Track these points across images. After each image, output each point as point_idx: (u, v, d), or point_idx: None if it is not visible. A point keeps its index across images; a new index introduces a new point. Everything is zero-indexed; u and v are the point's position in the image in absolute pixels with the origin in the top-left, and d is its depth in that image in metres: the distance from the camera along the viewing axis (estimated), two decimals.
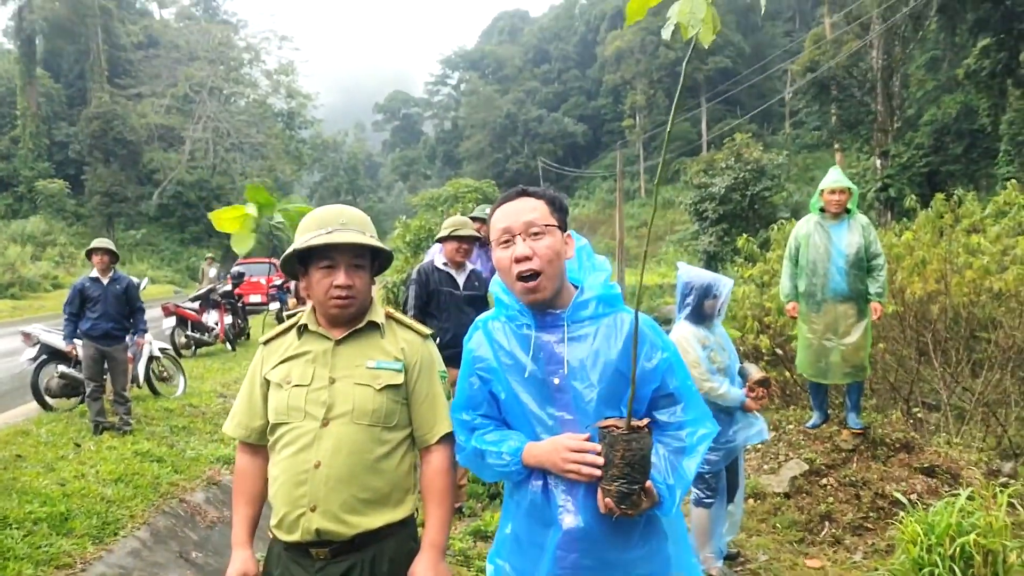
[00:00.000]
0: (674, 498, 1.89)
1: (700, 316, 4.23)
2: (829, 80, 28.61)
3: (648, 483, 1.83)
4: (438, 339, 4.83)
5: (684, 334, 4.16)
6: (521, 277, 1.95)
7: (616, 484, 1.79)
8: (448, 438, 2.23)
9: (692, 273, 4.34)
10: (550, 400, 1.97)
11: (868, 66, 28.15)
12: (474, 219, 6.01)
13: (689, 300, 4.23)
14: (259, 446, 2.30)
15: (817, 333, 5.86)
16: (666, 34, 1.68)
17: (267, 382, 2.24)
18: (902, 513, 4.14)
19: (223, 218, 3.46)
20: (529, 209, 2.00)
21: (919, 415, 7.46)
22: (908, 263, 8.20)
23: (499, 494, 5.74)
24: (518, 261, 1.95)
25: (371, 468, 2.12)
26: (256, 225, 3.48)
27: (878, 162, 27.97)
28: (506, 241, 1.99)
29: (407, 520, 2.22)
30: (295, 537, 2.11)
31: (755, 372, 4.25)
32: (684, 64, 1.88)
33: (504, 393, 2.02)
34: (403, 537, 2.20)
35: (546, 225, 1.97)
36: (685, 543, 2.11)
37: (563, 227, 2.04)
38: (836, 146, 32.85)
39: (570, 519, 1.93)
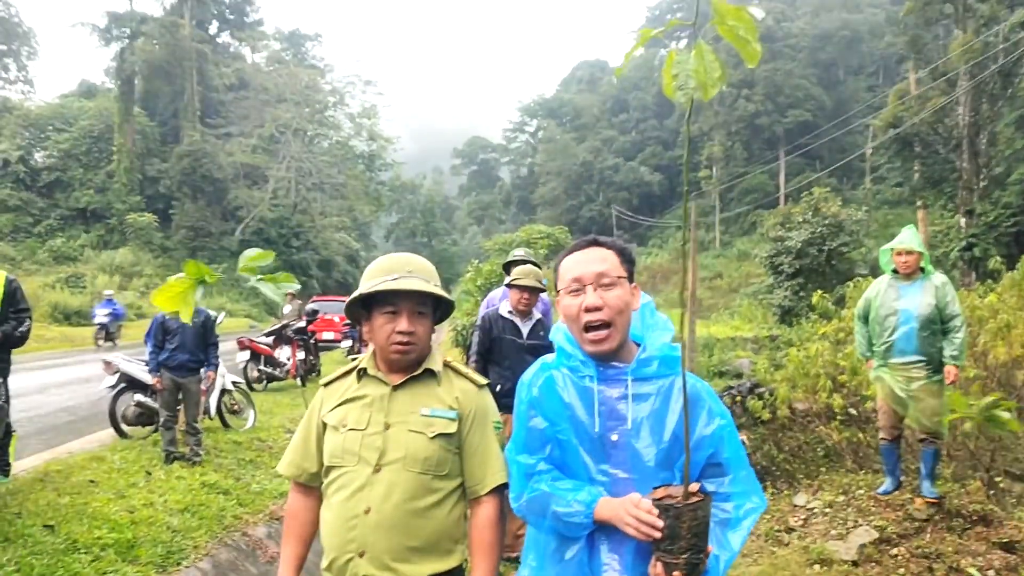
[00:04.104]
0: (719, 569, 1.83)
1: None
2: (913, 136, 28.04)
3: (710, 548, 1.79)
4: (498, 387, 4.84)
5: None
6: (590, 327, 1.94)
7: (685, 556, 1.74)
8: (498, 490, 2.22)
9: None
10: (606, 457, 1.94)
11: (954, 123, 27.51)
12: (512, 263, 6.01)
13: None
14: (311, 487, 2.34)
15: (890, 386, 5.72)
16: (678, 96, 1.56)
17: (324, 424, 2.28)
18: None
19: (165, 297, 3.45)
20: (600, 259, 1.99)
21: (1001, 484, 7.13)
22: (992, 326, 7.91)
23: None
24: (588, 311, 1.93)
25: (421, 516, 2.13)
26: (195, 296, 3.49)
27: (962, 220, 27.18)
28: (576, 290, 1.98)
29: (455, 571, 2.20)
30: None
31: None
32: (686, 121, 1.84)
33: (576, 441, 1.99)
34: None
35: (617, 276, 1.97)
36: None
37: (631, 279, 2.03)
38: (918, 203, 32.07)
39: None
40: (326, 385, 2.37)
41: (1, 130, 45.51)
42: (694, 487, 1.80)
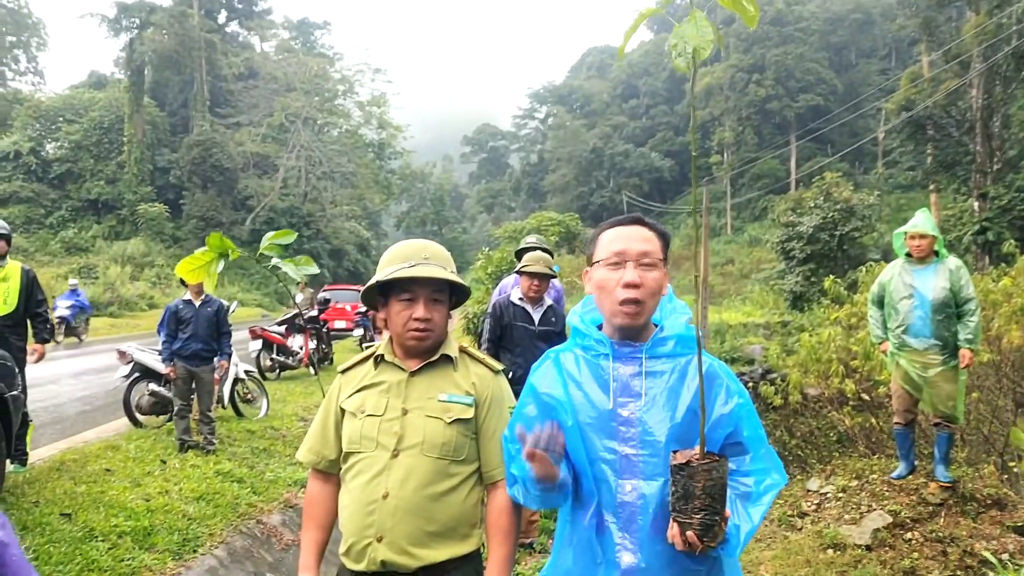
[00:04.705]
0: (739, 538, 1.81)
1: None
2: (925, 119, 27.84)
3: (727, 512, 1.77)
4: (511, 374, 4.84)
5: None
6: (625, 302, 1.94)
7: (699, 516, 1.72)
8: None
9: None
10: (614, 434, 1.92)
11: (967, 106, 27.29)
12: (524, 250, 5.99)
13: None
14: (330, 473, 2.35)
15: (906, 369, 5.69)
16: (679, 64, 1.71)
17: (342, 411, 2.29)
18: (991, 573, 3.95)
19: (189, 268, 3.53)
20: (645, 239, 1.99)
21: (1015, 469, 7.11)
22: (1006, 310, 7.87)
23: None
24: (627, 287, 1.93)
25: (438, 500, 2.14)
26: (217, 268, 3.58)
27: (976, 204, 26.99)
28: (616, 263, 1.97)
29: (472, 555, 2.22)
30: (361, 566, 2.13)
31: None
32: (691, 87, 1.89)
33: (572, 422, 1.98)
34: (467, 571, 2.20)
35: (658, 259, 1.98)
36: None
37: (665, 264, 2.04)
38: (931, 187, 31.90)
39: (629, 557, 1.87)
40: (344, 372, 2.39)
41: (12, 122, 45.73)
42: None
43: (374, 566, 2.11)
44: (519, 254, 6.07)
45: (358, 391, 2.28)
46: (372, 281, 2.25)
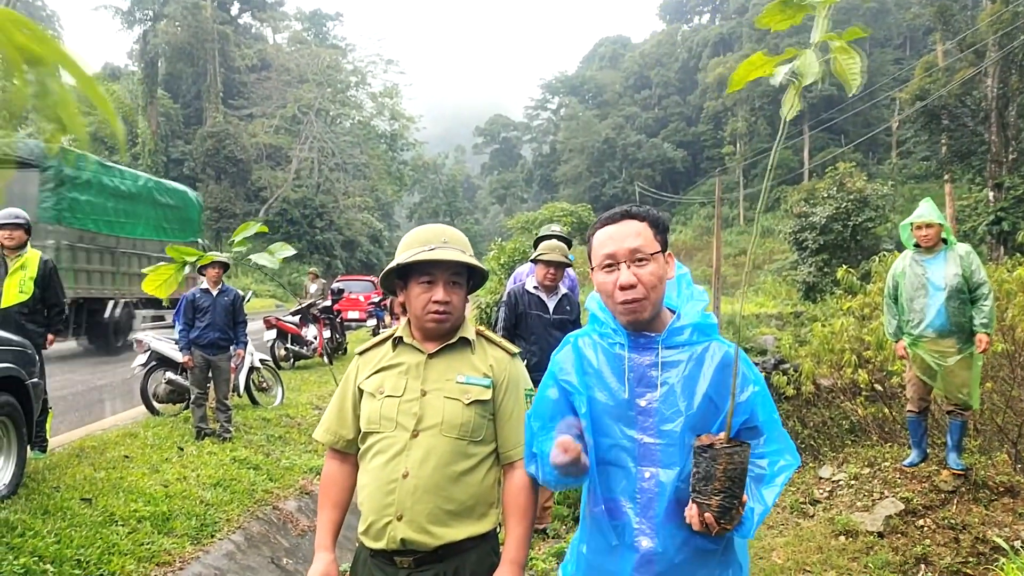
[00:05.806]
0: (753, 520, 1.84)
1: None
2: (940, 109, 27.61)
3: (744, 497, 1.80)
4: (525, 361, 4.87)
5: None
6: (624, 303, 1.95)
7: (718, 498, 1.75)
8: None
9: None
10: (632, 422, 1.95)
11: (982, 95, 27.05)
12: (543, 238, 5.99)
13: None
14: (347, 453, 2.38)
15: (923, 357, 5.69)
16: (776, 81, 1.92)
17: (360, 392, 2.32)
18: (1003, 560, 3.96)
19: (156, 284, 3.70)
20: (633, 234, 1.98)
21: None
22: (1020, 300, 7.84)
23: None
24: (623, 289, 1.94)
25: (457, 480, 2.17)
26: (182, 275, 3.77)
27: (991, 194, 26.80)
28: (609, 266, 1.99)
29: (489, 534, 2.25)
30: (381, 545, 2.17)
31: None
32: (784, 114, 1.92)
33: (585, 409, 2.00)
34: (485, 550, 2.23)
35: (651, 253, 1.96)
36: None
37: (664, 247, 2.03)
38: (946, 177, 31.68)
39: (647, 542, 1.90)
40: (361, 353, 2.41)
41: (27, 115, 45.89)
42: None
43: (393, 544, 2.14)
44: (537, 243, 6.09)
45: (376, 372, 2.31)
46: (392, 264, 2.28)
